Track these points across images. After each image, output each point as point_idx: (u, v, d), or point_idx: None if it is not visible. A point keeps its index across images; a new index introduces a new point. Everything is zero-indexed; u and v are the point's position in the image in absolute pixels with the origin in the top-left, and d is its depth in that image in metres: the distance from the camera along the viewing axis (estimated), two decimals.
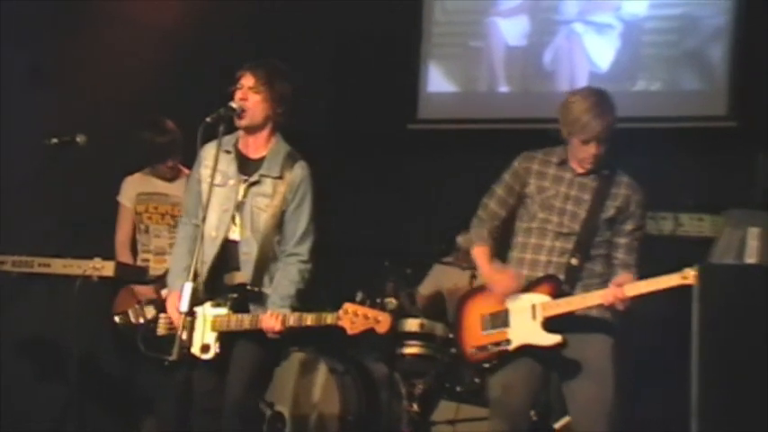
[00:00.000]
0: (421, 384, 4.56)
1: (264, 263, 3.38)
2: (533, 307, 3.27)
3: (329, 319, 3.25)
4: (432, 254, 4.94)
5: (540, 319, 3.25)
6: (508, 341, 3.31)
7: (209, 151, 3.41)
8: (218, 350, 3.31)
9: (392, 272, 4.65)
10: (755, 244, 3.96)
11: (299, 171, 3.43)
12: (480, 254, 3.44)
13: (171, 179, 4.39)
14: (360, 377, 4.54)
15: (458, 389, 4.52)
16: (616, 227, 3.32)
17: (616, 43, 5.22)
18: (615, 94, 5.05)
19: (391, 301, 4.32)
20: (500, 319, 3.34)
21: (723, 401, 3.73)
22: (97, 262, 3.93)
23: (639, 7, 5.19)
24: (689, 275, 3.07)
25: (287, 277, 3.39)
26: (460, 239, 4.30)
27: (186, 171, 4.35)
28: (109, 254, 4.10)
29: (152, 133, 4.31)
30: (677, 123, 5.05)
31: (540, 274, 3.32)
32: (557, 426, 4.14)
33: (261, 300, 3.38)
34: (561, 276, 3.28)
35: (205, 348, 3.30)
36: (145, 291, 4.09)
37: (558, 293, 3.26)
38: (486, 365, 3.37)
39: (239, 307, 3.35)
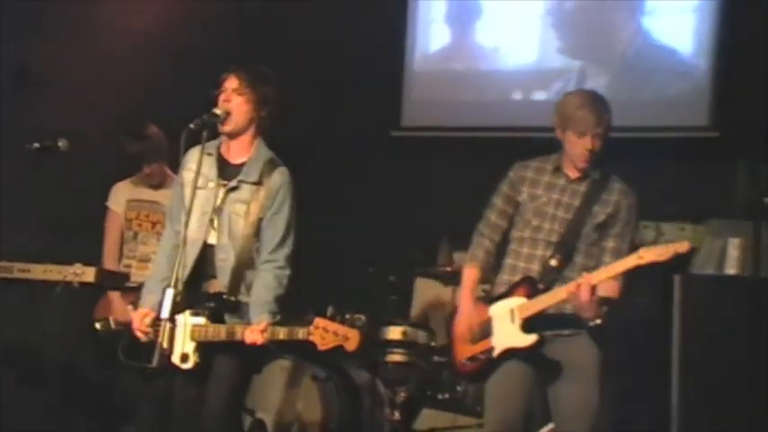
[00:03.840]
0: (403, 392, 4.56)
1: (241, 271, 3.35)
2: (511, 311, 3.29)
3: (300, 333, 3.21)
4: (413, 262, 4.95)
5: (518, 321, 3.26)
6: (493, 348, 3.33)
7: (193, 155, 3.38)
8: (197, 359, 3.28)
9: (375, 279, 4.66)
10: (736, 254, 3.98)
11: (279, 177, 3.40)
12: (467, 276, 3.45)
13: (156, 186, 4.36)
14: (342, 384, 4.53)
15: (439, 397, 4.52)
16: (605, 231, 3.31)
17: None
18: None
19: (360, 318, 4.31)
20: (485, 329, 3.36)
21: (703, 409, 3.76)
22: (78, 267, 3.90)
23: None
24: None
25: (263, 284, 3.35)
26: (456, 257, 4.34)
27: (174, 177, 4.34)
28: (90, 259, 4.07)
29: (127, 140, 4.29)
30: (660, 133, 5.09)
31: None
32: None
33: (237, 309, 3.35)
34: (537, 276, 3.29)
35: (184, 358, 3.28)
36: (119, 297, 4.06)
37: (533, 294, 3.27)
38: (473, 376, 3.42)
39: (217, 316, 3.32)
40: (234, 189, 3.40)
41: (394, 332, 4.60)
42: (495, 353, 3.31)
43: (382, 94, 5.59)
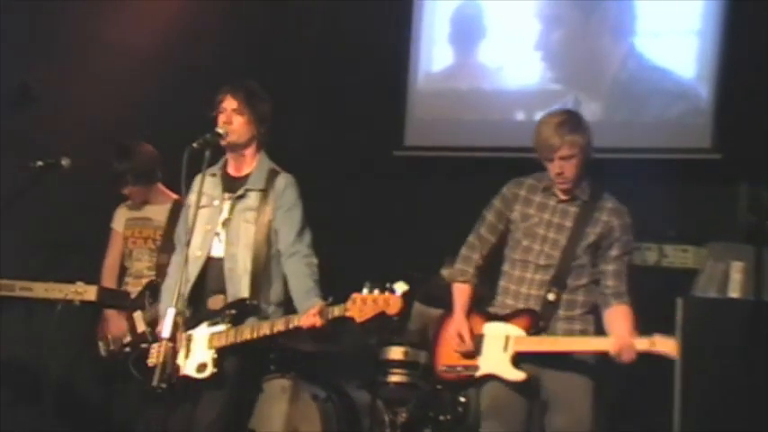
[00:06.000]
0: (404, 413, 4.54)
1: (258, 276, 3.37)
2: (507, 338, 3.27)
3: (336, 311, 3.20)
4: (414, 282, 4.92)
5: (510, 352, 3.25)
6: (476, 368, 3.31)
7: (199, 180, 3.41)
8: (214, 369, 3.27)
9: None
10: (739, 277, 3.97)
11: (283, 180, 3.49)
12: (459, 291, 3.43)
13: (142, 204, 4.35)
14: (342, 404, 4.50)
15: (441, 418, 4.50)
16: (600, 253, 3.28)
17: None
18: (602, 125, 5.20)
19: (401, 286, 4.24)
20: (475, 344, 3.33)
21: None
22: (79, 286, 3.92)
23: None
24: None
25: (297, 273, 3.37)
26: (445, 272, 4.27)
27: (170, 194, 4.34)
28: (92, 279, 4.07)
29: (112, 158, 4.27)
30: (662, 155, 5.09)
31: (521, 306, 3.33)
32: None
33: (258, 312, 3.36)
34: (535, 307, 3.29)
35: (201, 368, 3.27)
36: (116, 315, 4.06)
37: (533, 329, 3.26)
38: (450, 384, 3.48)
39: (239, 322, 3.33)
40: (241, 198, 3.46)
41: (395, 352, 4.59)
42: (478, 374, 3.30)
43: (385, 113, 5.60)
